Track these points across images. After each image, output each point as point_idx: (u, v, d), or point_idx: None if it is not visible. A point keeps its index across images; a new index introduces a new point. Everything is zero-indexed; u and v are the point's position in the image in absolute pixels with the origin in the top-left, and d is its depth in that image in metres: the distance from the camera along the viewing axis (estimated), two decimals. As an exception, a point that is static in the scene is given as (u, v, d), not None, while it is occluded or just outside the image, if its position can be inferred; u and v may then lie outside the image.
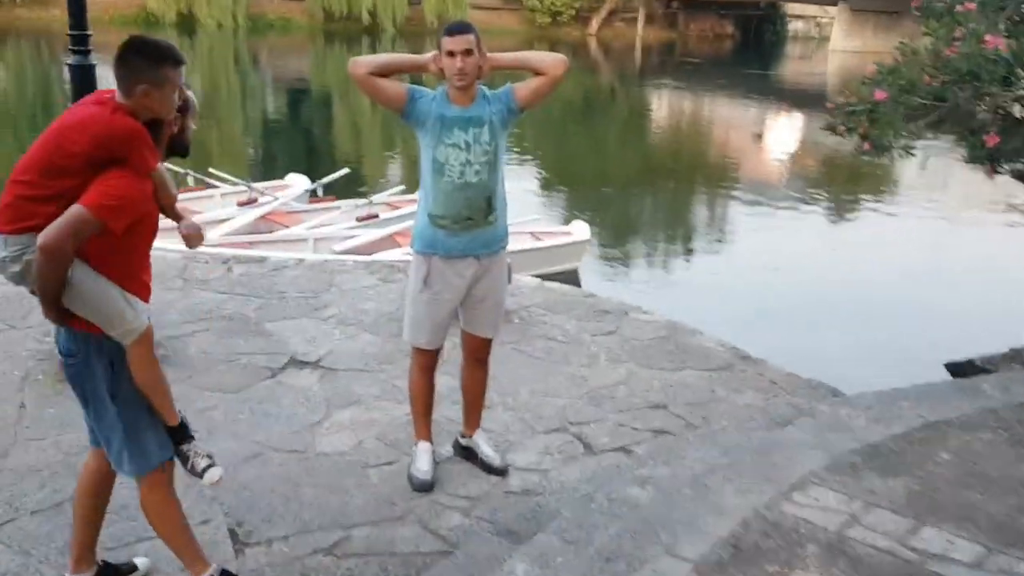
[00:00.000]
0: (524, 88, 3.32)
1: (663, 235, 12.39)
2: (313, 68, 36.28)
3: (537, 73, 3.30)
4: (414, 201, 9.58)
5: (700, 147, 20.76)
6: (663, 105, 29.39)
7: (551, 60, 3.29)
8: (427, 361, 3.60)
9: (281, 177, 9.84)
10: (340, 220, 8.44)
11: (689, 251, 11.30)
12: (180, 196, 9.12)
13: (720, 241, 11.75)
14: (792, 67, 47.49)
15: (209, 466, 2.72)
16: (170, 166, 9.13)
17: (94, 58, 4.48)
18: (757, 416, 4.26)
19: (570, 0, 53.38)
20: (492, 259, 3.48)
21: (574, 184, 15.41)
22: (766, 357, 5.24)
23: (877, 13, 46.88)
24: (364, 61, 3.25)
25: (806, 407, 4.08)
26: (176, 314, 5.30)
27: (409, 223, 8.32)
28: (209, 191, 9.13)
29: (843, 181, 16.11)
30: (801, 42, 59.30)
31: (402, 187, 9.77)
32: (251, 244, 7.30)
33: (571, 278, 8.01)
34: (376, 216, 8.42)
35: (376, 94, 3.29)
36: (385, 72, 3.27)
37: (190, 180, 9.11)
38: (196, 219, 8.10)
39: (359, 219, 8.36)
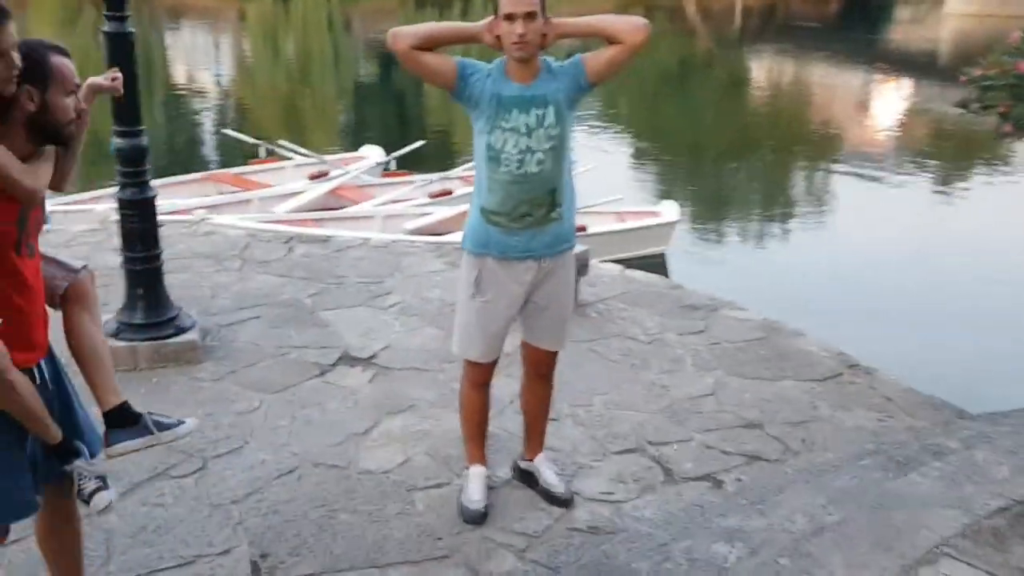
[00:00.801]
0: (595, 59, 2.78)
1: (760, 215, 11.45)
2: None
3: (611, 41, 2.74)
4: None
5: (802, 117, 19.61)
6: (763, 71, 28.07)
7: (628, 25, 2.72)
8: (480, 376, 3.12)
9: (358, 148, 9.47)
10: (413, 196, 8.01)
11: (789, 235, 10.36)
12: (256, 169, 8.97)
13: (823, 225, 10.78)
14: (902, 31, 44.94)
15: (98, 489, 2.29)
16: (242, 136, 8.87)
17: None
18: (869, 443, 3.65)
19: (668, -38, 51.64)
20: (556, 261, 2.96)
21: (665, 158, 14.65)
22: (878, 365, 4.60)
23: (999, -27, 43.82)
24: (405, 33, 2.75)
25: (929, 436, 3.47)
26: (229, 299, 4.96)
27: None
28: (282, 163, 8.82)
29: (960, 157, 14.88)
30: (912, 5, 56.10)
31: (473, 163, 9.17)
32: (317, 222, 6.94)
33: (657, 264, 7.43)
34: (450, 192, 7.97)
35: (421, 71, 2.80)
36: (430, 44, 2.76)
37: (262, 152, 8.82)
38: (265, 193, 7.86)
39: (431, 195, 7.93)
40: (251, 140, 8.52)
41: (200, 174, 8.26)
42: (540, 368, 3.18)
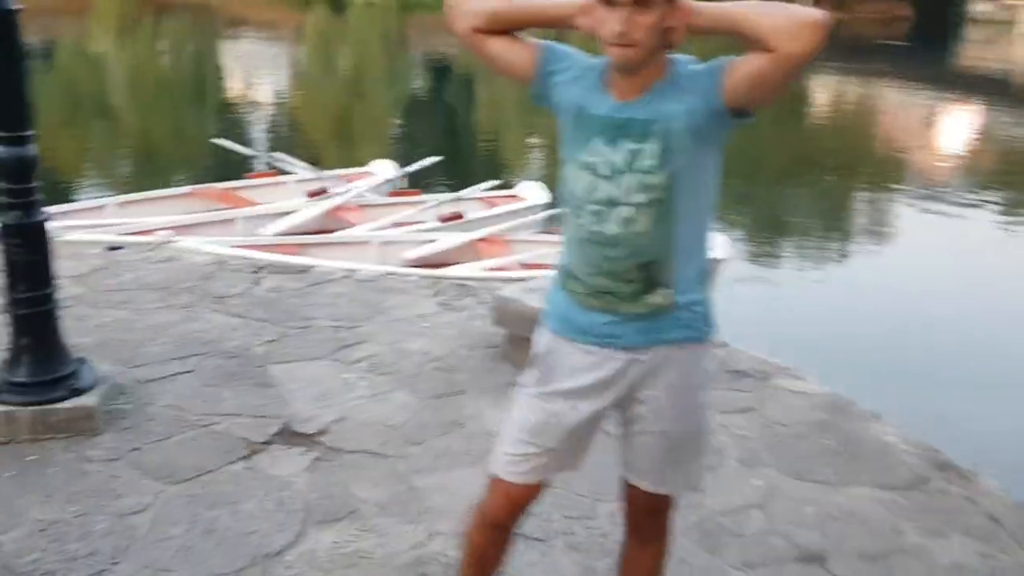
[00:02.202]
0: (737, 69, 1.71)
1: (818, 251, 9.85)
2: (460, 47, 35.48)
3: (759, 47, 1.66)
4: (514, 198, 8.11)
5: (864, 140, 18.34)
6: (825, 90, 26.77)
7: (782, 22, 1.62)
8: (498, 506, 2.03)
9: (408, 162, 8.42)
10: (421, 218, 7.05)
11: (853, 275, 8.75)
12: (247, 184, 8.12)
13: (890, 265, 9.14)
14: (974, 52, 43.10)
15: None
16: (235, 145, 8.05)
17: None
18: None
19: (729, -23, 50.61)
20: (664, 356, 1.91)
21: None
22: (976, 460, 3.53)
23: (1079, -7, 41.83)
24: (467, 9, 1.88)
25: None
26: (164, 345, 4.06)
27: (502, 227, 6.93)
28: (283, 177, 7.92)
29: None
30: (986, 25, 53.91)
31: (497, 181, 8.05)
32: (300, 247, 6.02)
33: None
34: (460, 216, 7.00)
35: (489, 59, 1.91)
36: (501, 26, 1.88)
37: (261, 165, 7.89)
38: (252, 212, 6.91)
39: (441, 219, 6.97)
40: (245, 151, 7.65)
41: (185, 188, 7.41)
42: (641, 522, 2.13)
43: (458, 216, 7.01)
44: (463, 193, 7.52)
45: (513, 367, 3.93)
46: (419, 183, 8.48)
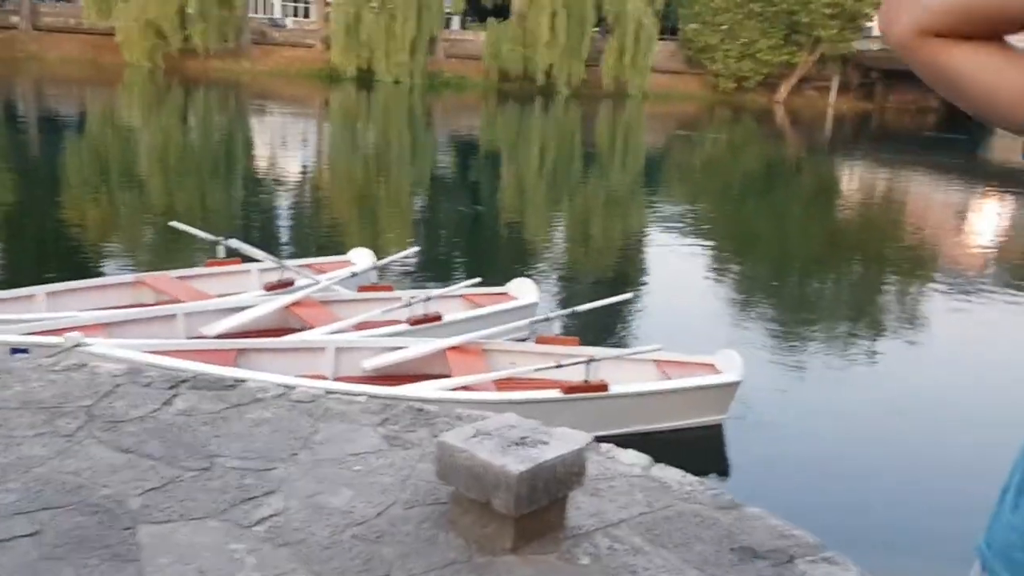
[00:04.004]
0: None
1: (859, 370, 8.11)
2: (484, 126, 35.50)
3: None
4: (504, 297, 7.13)
5: (892, 233, 17.49)
6: (853, 180, 26.07)
7: None
8: None
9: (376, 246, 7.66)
10: (395, 317, 6.18)
11: (903, 405, 6.99)
12: (203, 272, 7.32)
13: (949, 389, 7.64)
14: (1003, 144, 42.44)
15: None
16: (201, 233, 7.31)
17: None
18: None
19: (758, 66, 50.58)
20: None
21: (739, 279, 12.68)
22: None
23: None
24: (911, 3, 1.03)
25: None
26: (12, 493, 3.17)
27: (481, 333, 6.00)
28: (245, 265, 7.11)
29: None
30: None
31: (478, 279, 6.97)
32: (238, 354, 5.16)
33: (713, 438, 5.40)
34: (438, 318, 6.12)
35: (949, 80, 1.06)
36: (978, 24, 1.00)
37: (220, 251, 7.08)
38: (196, 307, 6.03)
39: (412, 321, 6.09)
40: (205, 235, 6.88)
41: (131, 276, 6.62)
42: None
43: (436, 318, 6.13)
44: (446, 290, 6.65)
45: (460, 539, 3.02)
46: (408, 275, 7.69)
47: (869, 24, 50.71)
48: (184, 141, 23.92)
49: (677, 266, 12.23)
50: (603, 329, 7.61)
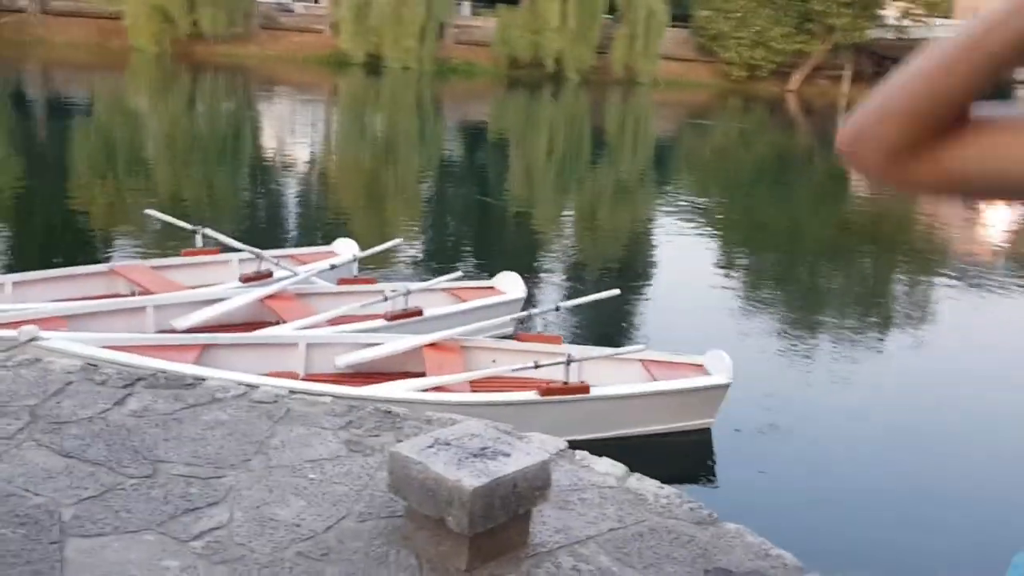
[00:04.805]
0: None
1: (859, 376, 7.51)
2: (492, 113, 35.25)
3: None
4: (490, 291, 6.88)
5: (904, 223, 17.16)
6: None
7: None
8: None
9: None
10: (374, 311, 5.95)
11: (900, 411, 6.54)
12: (179, 262, 7.12)
13: (952, 399, 7.01)
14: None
15: None
16: (180, 223, 7.08)
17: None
18: None
19: (770, 55, 50.00)
20: None
21: (734, 276, 12.41)
22: None
23: None
24: (870, 134, 0.85)
25: None
26: (-62, 501, 2.98)
27: (461, 329, 5.63)
28: (223, 256, 6.89)
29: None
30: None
31: (459, 273, 6.74)
32: (203, 350, 4.95)
33: (700, 443, 5.15)
34: (419, 312, 5.89)
35: (968, 185, 0.87)
36: (926, 128, 0.83)
37: (199, 240, 6.83)
38: (167, 299, 5.81)
39: (390, 316, 5.86)
40: (182, 224, 6.66)
41: (104, 266, 6.42)
42: None
43: (416, 312, 5.90)
44: (428, 284, 6.41)
45: (413, 558, 2.81)
46: (396, 266, 7.46)
47: (883, 12, 50.05)
48: (189, 127, 23.74)
49: (678, 260, 11.97)
50: (591, 326, 7.37)
